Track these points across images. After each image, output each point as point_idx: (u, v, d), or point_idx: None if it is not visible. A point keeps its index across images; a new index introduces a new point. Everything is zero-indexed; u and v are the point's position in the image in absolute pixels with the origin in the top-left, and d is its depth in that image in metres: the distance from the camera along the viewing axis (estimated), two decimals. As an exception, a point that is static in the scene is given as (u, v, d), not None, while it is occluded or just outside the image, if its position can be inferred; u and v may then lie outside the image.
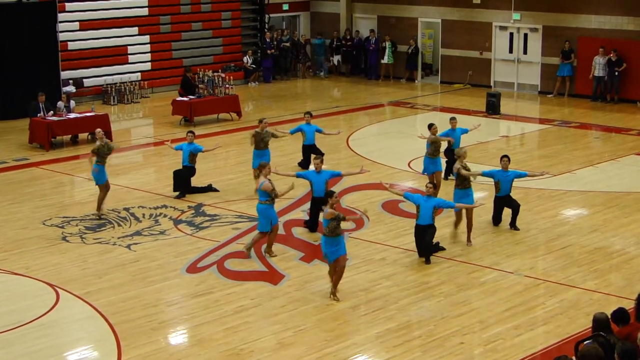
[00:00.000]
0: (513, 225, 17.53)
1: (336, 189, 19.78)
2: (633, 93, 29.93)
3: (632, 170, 21.98)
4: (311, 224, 17.37)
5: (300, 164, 21.86)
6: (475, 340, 12.83)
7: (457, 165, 17.02)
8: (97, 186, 18.57)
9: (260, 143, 20.21)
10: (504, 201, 17.60)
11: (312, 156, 18.51)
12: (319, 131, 21.78)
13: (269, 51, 34.87)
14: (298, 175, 17.22)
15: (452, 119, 20.91)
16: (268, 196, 15.85)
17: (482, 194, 19.99)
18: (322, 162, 17.36)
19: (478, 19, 33.35)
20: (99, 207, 18.44)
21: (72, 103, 25.94)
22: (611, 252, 16.39)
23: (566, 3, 31.23)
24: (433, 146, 19.33)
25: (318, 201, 16.75)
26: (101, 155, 18.32)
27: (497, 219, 17.73)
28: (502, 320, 13.44)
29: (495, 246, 16.64)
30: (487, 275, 15.25)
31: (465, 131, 20.85)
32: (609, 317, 10.27)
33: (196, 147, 19.83)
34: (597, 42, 30.26)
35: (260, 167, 16.31)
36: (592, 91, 30.49)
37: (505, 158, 17.56)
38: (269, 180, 15.95)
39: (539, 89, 32.38)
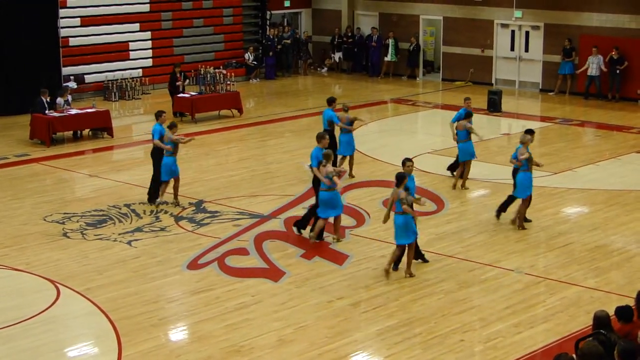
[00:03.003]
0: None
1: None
2: (634, 91, 29.91)
3: (633, 168, 21.98)
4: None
5: None
6: (475, 338, 12.84)
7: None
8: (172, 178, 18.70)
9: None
10: None
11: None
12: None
13: (274, 48, 34.81)
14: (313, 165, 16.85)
15: (467, 99, 20.99)
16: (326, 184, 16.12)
17: (484, 191, 20.03)
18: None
19: (480, 16, 33.34)
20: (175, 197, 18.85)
21: (69, 98, 25.86)
22: (612, 250, 16.39)
23: (568, 1, 31.22)
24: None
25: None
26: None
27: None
28: (502, 317, 13.44)
29: (496, 244, 16.64)
30: (488, 273, 15.24)
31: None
32: (610, 315, 10.27)
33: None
34: (599, 40, 30.25)
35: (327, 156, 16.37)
36: (584, 89, 30.54)
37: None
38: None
39: (540, 87, 32.37)
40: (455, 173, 20.14)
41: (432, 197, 19.29)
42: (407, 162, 15.50)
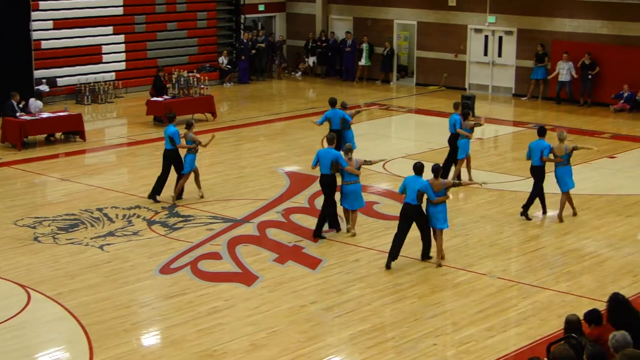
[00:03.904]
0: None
1: (309, 190, 19.91)
2: (606, 96, 30.10)
3: (604, 173, 22.11)
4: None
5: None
6: (448, 342, 12.86)
7: None
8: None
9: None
10: None
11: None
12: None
13: (248, 52, 34.74)
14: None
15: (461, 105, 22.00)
16: (356, 176, 17.04)
17: (457, 195, 20.07)
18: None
19: (453, 21, 33.44)
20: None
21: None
22: (583, 255, 16.48)
23: (541, 6, 31.38)
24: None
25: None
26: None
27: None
28: (475, 321, 13.48)
29: (469, 248, 16.68)
30: (461, 277, 15.28)
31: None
32: (581, 318, 10.34)
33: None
34: (571, 46, 30.45)
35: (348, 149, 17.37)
36: (555, 94, 30.78)
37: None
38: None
39: (513, 92, 32.52)
40: (455, 174, 20.72)
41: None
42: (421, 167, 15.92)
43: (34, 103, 25.65)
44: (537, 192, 18.34)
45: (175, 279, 15.13)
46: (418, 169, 15.71)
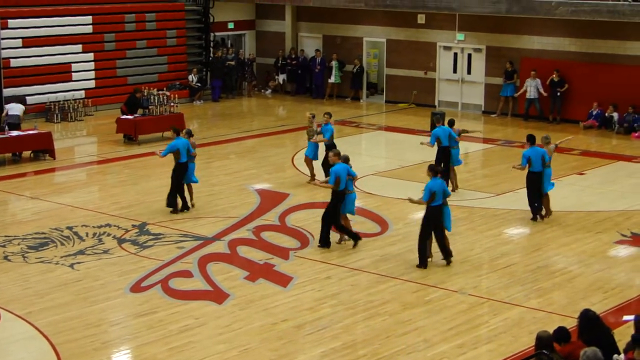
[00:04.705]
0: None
1: (280, 207, 19.90)
2: (575, 113, 30.35)
3: (573, 189, 22.25)
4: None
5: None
6: (419, 359, 12.87)
7: None
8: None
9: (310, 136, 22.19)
10: None
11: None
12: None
13: (228, 63, 34.74)
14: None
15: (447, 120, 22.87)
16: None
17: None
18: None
19: (422, 39, 33.61)
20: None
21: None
22: (554, 271, 16.56)
23: (509, 24, 31.60)
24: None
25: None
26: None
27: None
28: (446, 338, 13.50)
29: (440, 265, 16.71)
30: (432, 294, 15.32)
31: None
32: (552, 335, 10.40)
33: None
34: (540, 63, 30.70)
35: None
36: (523, 111, 31.05)
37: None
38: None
39: (482, 109, 32.69)
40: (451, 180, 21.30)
41: (376, 219, 19.39)
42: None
43: (17, 106, 25.47)
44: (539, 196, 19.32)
45: (146, 297, 15.05)
46: (437, 171, 16.57)
